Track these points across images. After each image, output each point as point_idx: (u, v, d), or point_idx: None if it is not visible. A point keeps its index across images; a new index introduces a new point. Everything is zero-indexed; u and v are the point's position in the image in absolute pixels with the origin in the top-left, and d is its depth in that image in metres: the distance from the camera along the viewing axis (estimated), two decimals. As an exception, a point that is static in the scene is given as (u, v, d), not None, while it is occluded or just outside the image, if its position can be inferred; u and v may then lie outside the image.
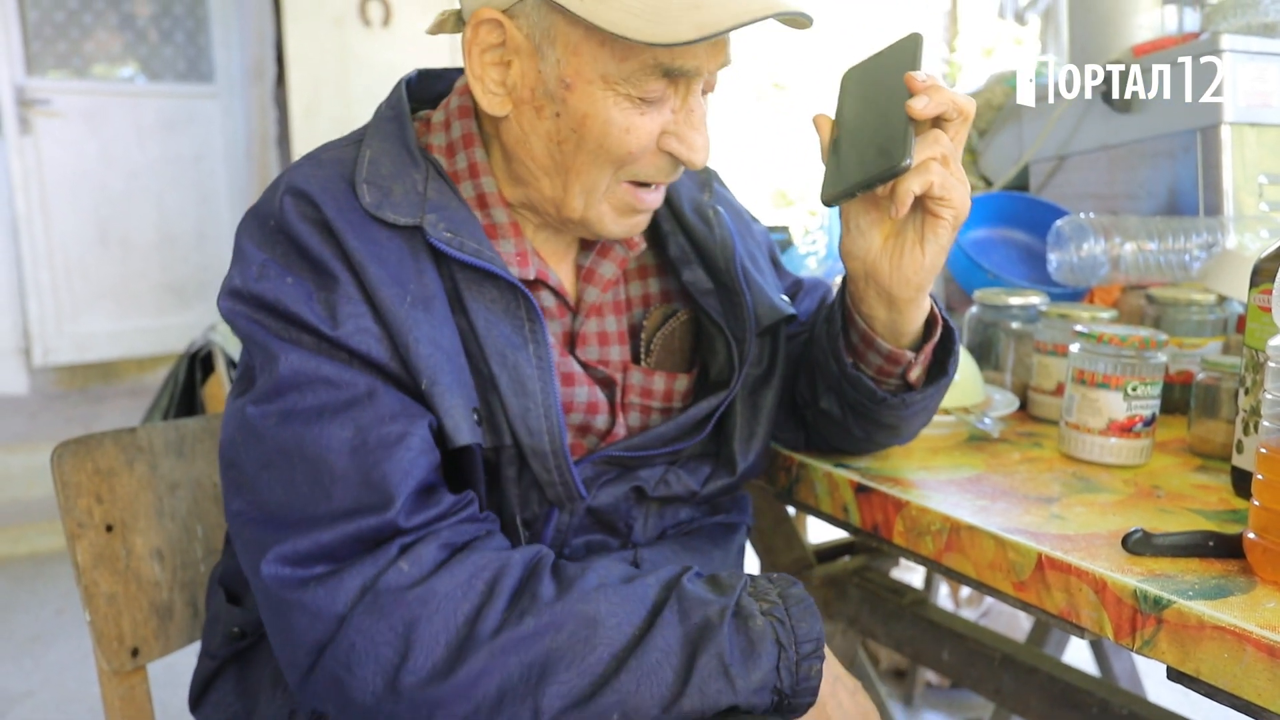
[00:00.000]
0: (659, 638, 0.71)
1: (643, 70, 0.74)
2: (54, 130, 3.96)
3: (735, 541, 1.00)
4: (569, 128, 0.77)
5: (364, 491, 0.70)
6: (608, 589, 0.73)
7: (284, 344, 0.73)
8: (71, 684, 2.29)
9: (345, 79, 4.02)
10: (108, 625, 0.95)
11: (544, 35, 0.75)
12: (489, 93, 0.79)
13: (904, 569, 2.34)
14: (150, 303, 4.29)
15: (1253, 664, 0.62)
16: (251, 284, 0.75)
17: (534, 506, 0.84)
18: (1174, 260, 1.23)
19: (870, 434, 0.95)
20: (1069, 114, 1.49)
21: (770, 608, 0.75)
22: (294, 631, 0.70)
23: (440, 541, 0.72)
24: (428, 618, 0.69)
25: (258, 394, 0.74)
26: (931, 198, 0.77)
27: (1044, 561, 0.76)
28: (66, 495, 0.94)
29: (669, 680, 0.70)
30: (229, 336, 1.76)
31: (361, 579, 0.69)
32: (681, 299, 0.95)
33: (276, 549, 0.70)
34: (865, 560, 1.48)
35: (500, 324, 0.79)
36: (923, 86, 0.75)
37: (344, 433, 0.71)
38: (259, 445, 0.73)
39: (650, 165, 0.80)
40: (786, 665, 0.73)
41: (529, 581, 0.73)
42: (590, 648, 0.70)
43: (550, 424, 0.80)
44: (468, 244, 0.78)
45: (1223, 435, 0.97)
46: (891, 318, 0.85)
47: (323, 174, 0.78)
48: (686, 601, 0.73)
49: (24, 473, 3.25)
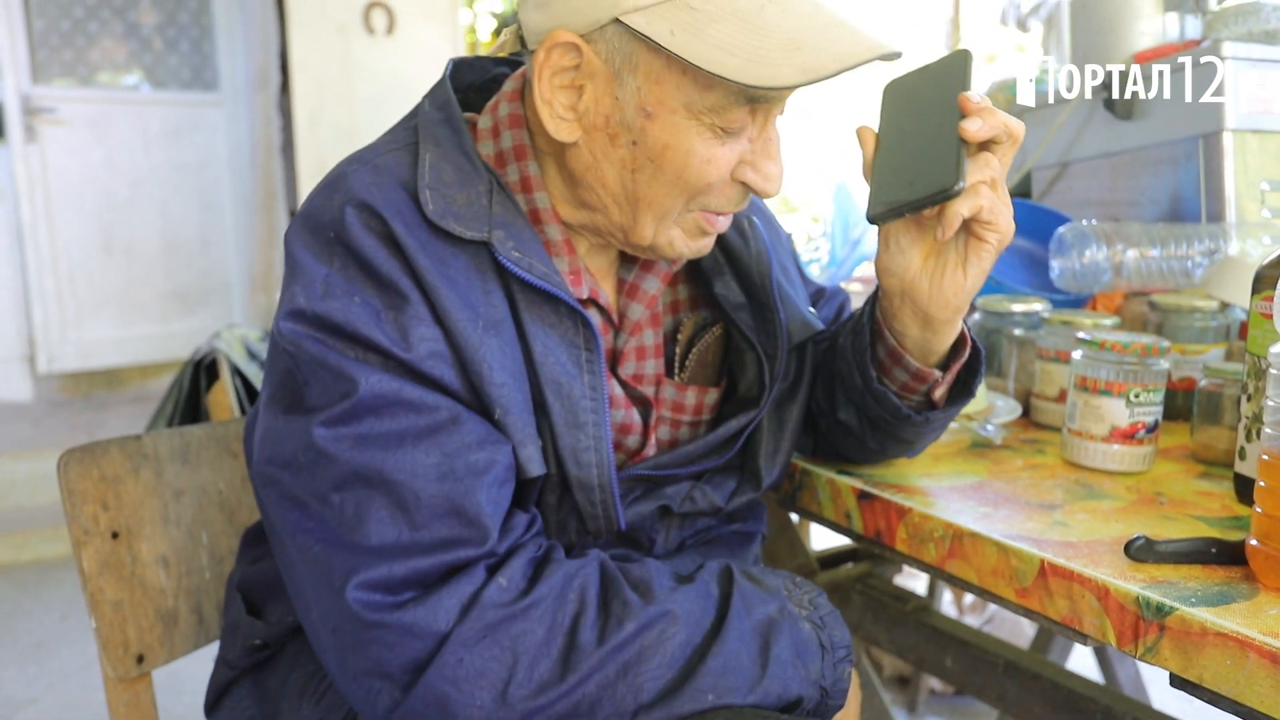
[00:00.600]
0: (733, 628, 0.74)
1: (727, 100, 0.72)
2: (59, 138, 3.98)
3: (751, 551, 1.00)
4: (646, 157, 0.75)
5: (457, 521, 0.70)
6: (676, 588, 0.75)
7: (359, 365, 0.71)
8: (75, 690, 2.30)
9: (349, 87, 4.04)
10: (113, 632, 0.95)
11: (624, 61, 0.72)
12: (557, 117, 0.75)
13: (907, 576, 2.34)
14: (154, 310, 4.30)
15: (1255, 671, 0.62)
16: (316, 303, 0.71)
17: (570, 534, 0.83)
18: (1176, 267, 1.24)
19: (885, 447, 0.95)
20: (1071, 121, 1.49)
21: (810, 614, 0.79)
22: (388, 652, 0.69)
23: (526, 557, 0.73)
24: (532, 630, 0.69)
25: (329, 416, 0.70)
26: (979, 222, 0.76)
27: (1047, 568, 0.76)
28: (72, 502, 0.94)
29: (748, 665, 0.73)
30: (234, 344, 1.76)
31: (459, 597, 0.69)
32: (710, 306, 0.93)
33: (364, 575, 0.68)
34: (869, 567, 1.48)
35: (557, 350, 0.77)
36: (976, 108, 0.73)
37: (429, 459, 0.70)
38: (331, 467, 0.70)
39: (722, 195, 0.79)
40: (829, 666, 0.77)
41: (612, 587, 0.74)
42: (674, 640, 0.72)
43: (600, 457, 0.79)
44: (536, 266, 0.76)
45: (1225, 442, 0.97)
46: (924, 336, 0.84)
47: (383, 183, 0.75)
48: (748, 598, 0.77)
49: (28, 479, 3.26)
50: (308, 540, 0.72)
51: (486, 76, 0.88)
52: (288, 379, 0.75)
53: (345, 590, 0.68)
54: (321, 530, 0.71)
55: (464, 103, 0.86)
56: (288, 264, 0.76)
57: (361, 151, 0.80)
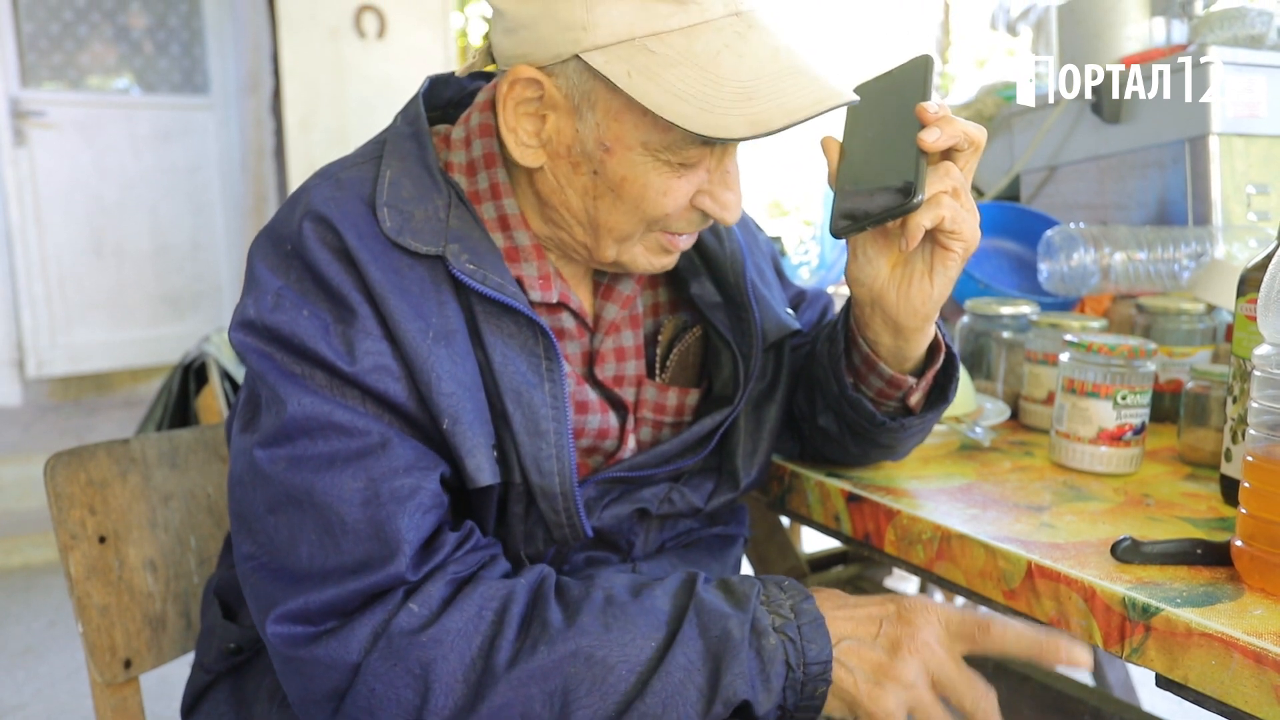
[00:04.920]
0: (680, 654, 0.70)
1: (684, 140, 0.73)
2: (48, 141, 3.97)
3: (733, 554, 1.00)
4: (605, 186, 0.76)
5: (377, 546, 0.70)
6: (617, 605, 0.72)
7: (295, 384, 0.72)
8: (64, 696, 2.28)
9: (341, 90, 4.04)
10: (100, 637, 0.95)
11: (583, 97, 0.73)
12: (522, 145, 0.77)
13: (898, 578, 2.34)
14: (144, 314, 4.29)
15: (1240, 671, 0.62)
16: (266, 315, 0.73)
17: (539, 543, 0.83)
18: (1163, 270, 1.24)
19: (866, 451, 0.95)
20: (1059, 125, 1.50)
21: (783, 624, 0.73)
22: (310, 683, 0.70)
23: (446, 578, 0.72)
24: (443, 656, 0.69)
25: (265, 435, 0.72)
26: (942, 231, 0.76)
27: (1034, 570, 0.76)
28: (59, 507, 0.94)
29: (694, 700, 0.69)
30: (223, 348, 1.76)
31: (372, 626, 0.69)
32: (691, 308, 0.94)
33: (284, 607, 0.70)
34: (859, 569, 1.48)
35: (517, 360, 0.78)
36: (934, 118, 0.73)
37: (355, 483, 0.71)
38: (267, 488, 0.72)
39: (682, 219, 0.79)
40: (792, 686, 0.72)
41: (536, 607, 0.72)
42: (609, 669, 0.69)
43: (562, 465, 0.79)
44: (491, 277, 0.76)
45: (1212, 444, 0.98)
46: (896, 344, 0.84)
47: (343, 197, 0.76)
48: (705, 614, 0.72)
49: (16, 484, 3.25)
50: (247, 567, 0.75)
51: (464, 92, 0.90)
52: (252, 394, 0.77)
53: (266, 624, 0.71)
54: (259, 553, 0.73)
55: (443, 117, 0.88)
56: (246, 275, 0.77)
57: (329, 165, 0.82)
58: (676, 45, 0.70)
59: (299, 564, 0.71)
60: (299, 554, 0.71)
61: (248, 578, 0.75)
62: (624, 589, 0.75)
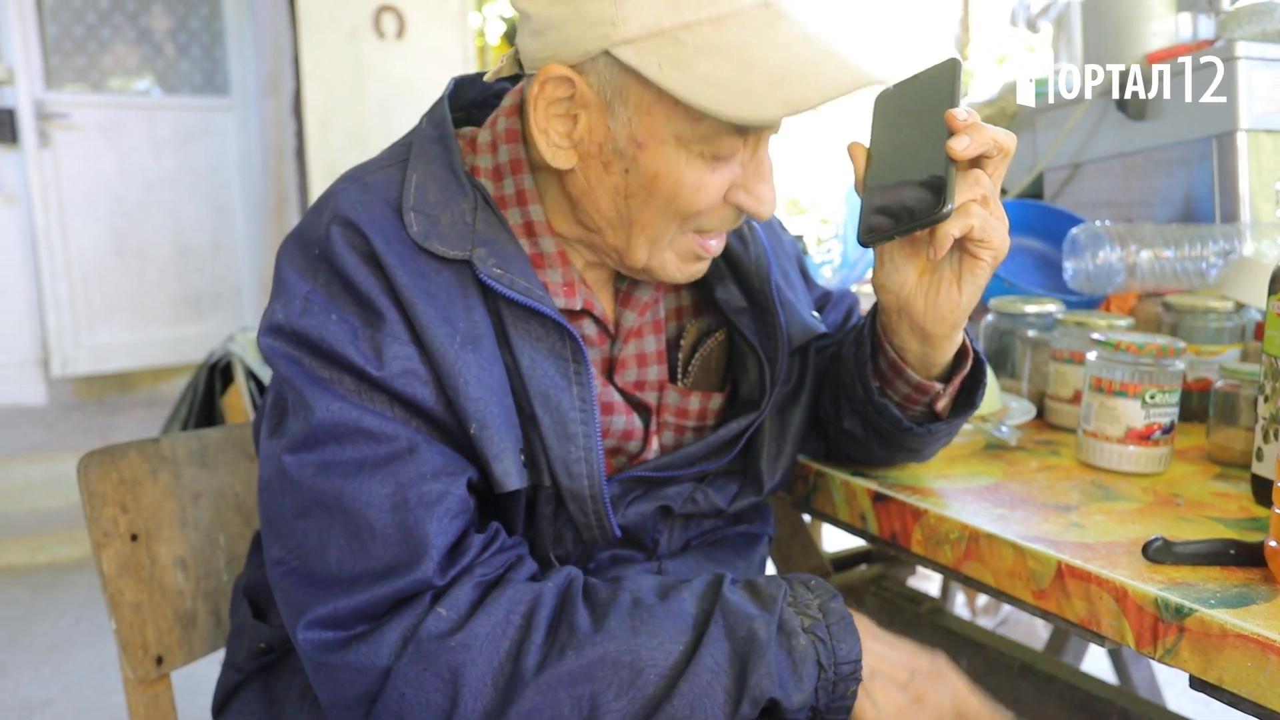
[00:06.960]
0: (707, 655, 0.70)
1: (717, 129, 0.73)
2: (72, 143, 4.01)
3: (758, 552, 1.00)
4: (638, 184, 0.76)
5: (401, 550, 0.70)
6: (644, 608, 0.73)
7: (323, 389, 0.72)
8: (90, 693, 2.31)
9: (360, 91, 4.06)
10: (133, 633, 0.96)
11: (615, 93, 0.73)
12: (554, 146, 0.76)
13: (920, 577, 2.33)
14: (166, 314, 4.32)
15: (1276, 672, 0.62)
16: (294, 319, 0.73)
17: (567, 544, 0.83)
18: (1191, 267, 1.23)
19: (892, 454, 0.95)
20: (1083, 122, 1.49)
21: (812, 624, 0.74)
22: (342, 688, 0.71)
23: (473, 581, 0.72)
24: (471, 661, 0.69)
25: (293, 441, 0.73)
26: (971, 240, 0.75)
27: (1064, 570, 0.76)
28: (92, 505, 0.95)
29: (721, 701, 0.70)
30: (248, 347, 1.77)
31: (401, 630, 0.70)
32: (713, 312, 0.94)
33: (314, 612, 0.71)
34: (882, 569, 1.48)
35: (545, 363, 0.78)
36: (963, 125, 0.72)
37: (384, 489, 0.71)
38: (295, 493, 0.73)
39: (715, 217, 0.79)
40: (825, 686, 0.73)
41: (564, 611, 0.73)
42: (637, 673, 0.70)
43: (591, 468, 0.79)
44: (518, 281, 0.76)
45: (1242, 443, 0.97)
46: (924, 351, 0.84)
47: (370, 200, 0.76)
48: (731, 615, 0.72)
49: (43, 483, 3.28)
50: (277, 572, 0.75)
51: (489, 93, 0.90)
52: (279, 398, 0.78)
53: (298, 631, 0.71)
54: (288, 558, 0.74)
55: (467, 118, 0.88)
56: (275, 279, 0.77)
57: (355, 169, 0.82)
58: (706, 36, 0.70)
59: (328, 569, 0.71)
60: (328, 559, 0.71)
61: (278, 583, 0.75)
62: (651, 591, 0.75)
